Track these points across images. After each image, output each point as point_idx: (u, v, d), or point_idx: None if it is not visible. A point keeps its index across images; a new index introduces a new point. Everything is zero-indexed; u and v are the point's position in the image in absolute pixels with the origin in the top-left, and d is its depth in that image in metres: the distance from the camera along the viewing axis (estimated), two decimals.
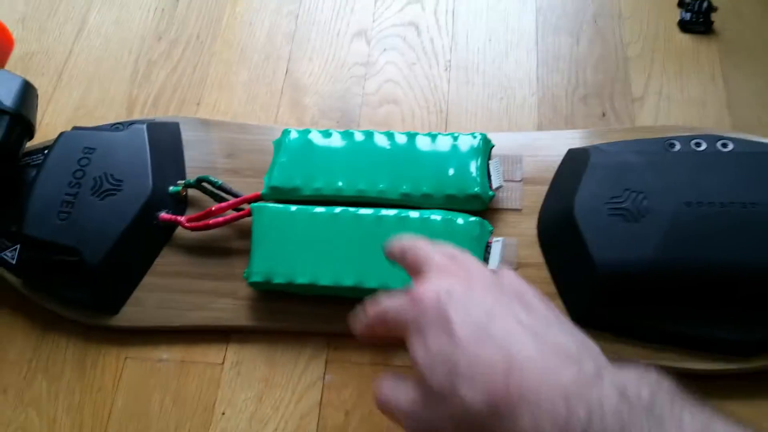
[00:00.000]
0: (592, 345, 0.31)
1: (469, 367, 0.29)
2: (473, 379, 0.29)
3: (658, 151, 0.46)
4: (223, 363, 0.48)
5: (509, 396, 0.28)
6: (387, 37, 0.61)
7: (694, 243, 0.39)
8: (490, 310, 0.31)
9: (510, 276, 0.35)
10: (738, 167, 0.43)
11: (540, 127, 0.55)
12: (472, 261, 0.36)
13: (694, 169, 0.44)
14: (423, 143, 0.50)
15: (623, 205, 0.43)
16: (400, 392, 0.33)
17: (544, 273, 0.47)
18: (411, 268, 0.37)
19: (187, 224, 0.50)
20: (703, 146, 0.46)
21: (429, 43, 0.61)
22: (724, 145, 0.46)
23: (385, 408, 0.34)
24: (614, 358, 0.29)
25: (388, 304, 0.35)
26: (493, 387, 0.28)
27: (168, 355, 0.49)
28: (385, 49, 0.61)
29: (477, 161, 0.49)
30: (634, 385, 0.26)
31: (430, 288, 0.33)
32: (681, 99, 0.55)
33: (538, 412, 0.27)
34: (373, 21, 0.63)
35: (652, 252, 0.41)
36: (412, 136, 0.51)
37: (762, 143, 0.47)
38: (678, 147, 0.46)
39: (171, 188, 0.52)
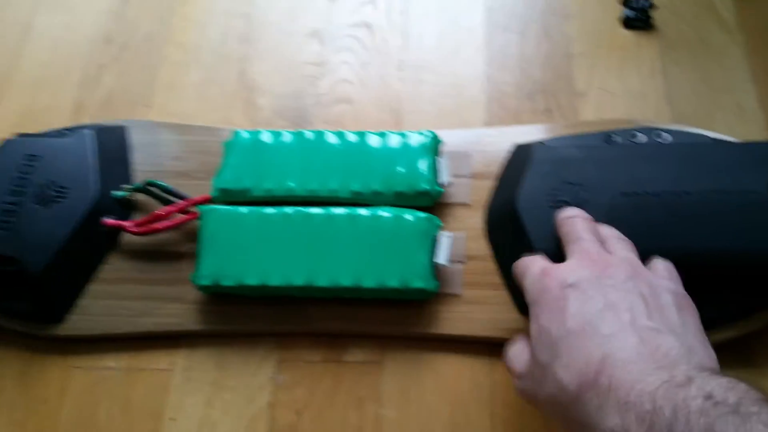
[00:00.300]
0: (699, 353, 0.32)
1: (569, 353, 0.32)
2: (569, 364, 0.32)
3: (598, 144, 0.47)
4: (172, 369, 0.47)
5: (598, 386, 0.30)
6: (341, 37, 0.62)
7: (629, 232, 0.40)
8: (608, 306, 0.33)
9: (653, 274, 0.36)
10: (673, 158, 0.44)
11: (489, 124, 0.56)
12: (619, 252, 0.37)
13: (631, 161, 0.45)
14: (373, 142, 0.50)
15: (563, 198, 0.44)
16: (522, 355, 0.37)
17: (491, 265, 0.48)
18: (563, 239, 0.40)
19: (133, 229, 0.50)
20: (642, 138, 0.47)
21: (382, 42, 0.61)
22: (662, 137, 0.47)
23: (507, 364, 0.38)
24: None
25: (527, 264, 0.39)
26: (584, 376, 0.31)
27: (115, 363, 0.48)
28: (338, 49, 0.61)
29: (426, 158, 0.49)
30: (722, 391, 0.26)
31: (562, 273, 0.36)
32: (623, 93, 0.57)
33: (624, 405, 0.28)
34: (327, 21, 0.63)
35: None
36: (362, 135, 0.51)
37: (697, 134, 0.48)
38: (618, 140, 0.47)
39: (117, 193, 0.51)
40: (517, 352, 0.38)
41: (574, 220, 0.40)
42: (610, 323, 0.32)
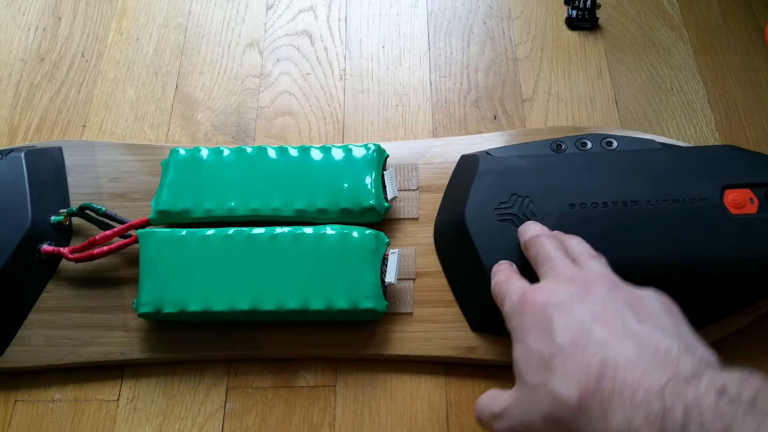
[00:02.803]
0: (699, 348, 0.30)
1: (564, 364, 0.30)
2: (567, 375, 0.30)
3: (544, 153, 0.46)
4: (118, 399, 0.46)
5: (601, 392, 0.28)
6: (280, 48, 0.60)
7: None
8: (595, 316, 0.32)
9: (629, 286, 0.35)
10: (620, 166, 0.44)
11: (435, 133, 0.55)
12: (594, 267, 0.36)
13: (578, 171, 0.44)
14: (316, 157, 0.49)
15: (511, 211, 0.43)
16: (497, 398, 0.35)
17: (442, 281, 0.47)
18: (532, 261, 0.39)
19: (70, 255, 0.48)
20: (589, 145, 0.47)
21: (323, 51, 0.59)
22: (609, 144, 0.47)
23: (481, 414, 0.36)
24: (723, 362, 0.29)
25: (505, 290, 0.37)
26: (585, 383, 0.29)
27: (60, 394, 0.46)
28: (278, 60, 0.59)
29: (371, 173, 0.48)
30: (735, 385, 0.25)
31: (542, 295, 0.34)
32: (570, 97, 0.56)
33: (631, 408, 0.26)
34: (265, 31, 0.61)
35: None
36: (305, 150, 0.49)
37: (645, 140, 0.48)
38: (565, 148, 0.47)
39: (53, 218, 0.49)
40: (491, 397, 0.35)
41: (540, 239, 0.39)
42: (602, 331, 0.31)
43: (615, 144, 0.46)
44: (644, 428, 0.26)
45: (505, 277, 0.38)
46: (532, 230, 0.40)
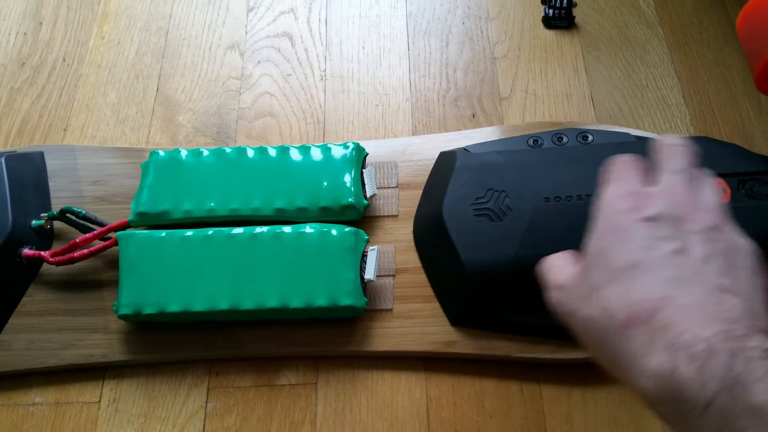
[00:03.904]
0: (762, 319, 0.29)
1: (626, 283, 0.29)
2: (623, 293, 0.29)
3: (521, 149, 0.47)
4: (99, 401, 0.46)
5: (649, 323, 0.28)
6: (261, 49, 0.60)
7: (552, 237, 0.40)
8: (681, 251, 0.30)
9: (735, 231, 0.32)
10: (595, 159, 0.44)
11: (415, 132, 0.55)
12: (709, 197, 0.33)
13: (553, 165, 0.45)
14: (296, 156, 0.49)
15: (487, 206, 0.43)
16: (566, 269, 0.34)
17: (422, 277, 0.47)
18: (658, 163, 0.35)
19: (51, 259, 0.48)
20: (566, 140, 0.47)
21: (303, 53, 0.60)
22: (585, 138, 0.47)
23: (544, 271, 0.35)
24: None
25: (618, 180, 0.34)
26: (637, 309, 0.28)
27: (41, 397, 0.46)
28: (259, 62, 0.59)
29: (350, 171, 0.48)
30: None
31: (645, 201, 0.32)
32: (547, 95, 0.57)
33: (675, 345, 0.26)
34: (246, 33, 0.61)
35: (514, 249, 0.42)
36: (284, 150, 0.50)
37: (620, 133, 0.48)
38: (542, 143, 0.47)
39: (34, 222, 0.49)
40: (560, 264, 0.35)
41: (678, 149, 0.35)
42: (679, 268, 0.29)
43: (591, 138, 0.47)
44: (685, 363, 0.25)
45: (627, 160, 0.36)
46: (673, 139, 0.36)
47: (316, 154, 0.49)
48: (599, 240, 0.32)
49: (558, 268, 0.35)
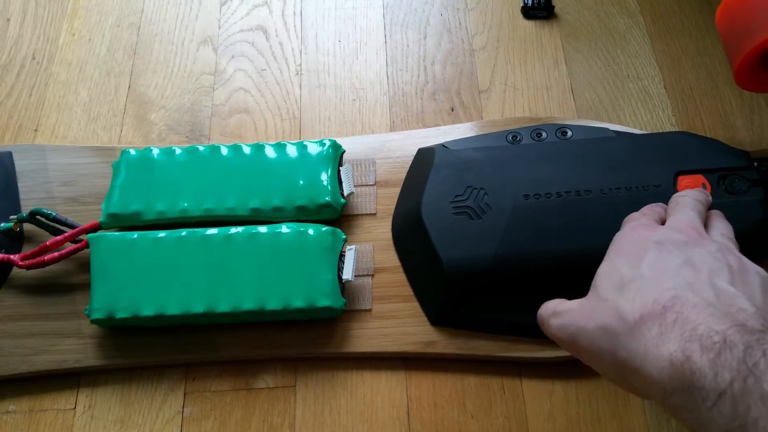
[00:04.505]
0: None
1: (639, 289, 0.30)
2: (635, 298, 0.30)
3: (499, 145, 0.46)
4: (75, 408, 0.45)
5: (663, 318, 0.28)
6: (234, 44, 0.59)
7: (531, 235, 0.39)
8: (688, 263, 0.31)
9: (742, 256, 0.33)
10: (574, 156, 0.44)
11: (393, 127, 0.54)
12: (717, 235, 0.35)
13: (533, 161, 0.44)
14: (271, 154, 0.48)
15: (466, 203, 0.43)
16: (563, 303, 0.35)
17: (401, 276, 0.46)
18: (669, 208, 0.38)
19: (21, 263, 0.46)
20: (545, 136, 0.46)
21: (278, 47, 0.59)
22: (564, 133, 0.47)
23: (544, 311, 0.35)
24: None
25: (638, 218, 0.37)
26: (651, 308, 0.29)
27: (15, 405, 0.45)
28: (233, 56, 0.58)
29: (327, 169, 0.47)
30: None
31: (654, 231, 0.34)
32: (526, 87, 0.56)
33: (689, 336, 0.26)
34: (219, 27, 0.60)
35: (494, 248, 0.41)
36: (259, 148, 0.48)
37: (599, 128, 0.48)
38: (521, 138, 0.46)
39: (3, 225, 0.48)
40: (558, 300, 0.35)
41: (688, 198, 0.38)
42: (687, 275, 0.30)
43: (570, 133, 0.46)
44: (699, 352, 0.26)
45: (641, 213, 0.38)
46: (689, 190, 0.39)
47: (292, 151, 0.48)
48: (609, 262, 0.34)
49: (556, 303, 0.35)
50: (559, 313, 0.34)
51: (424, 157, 0.47)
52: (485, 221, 0.42)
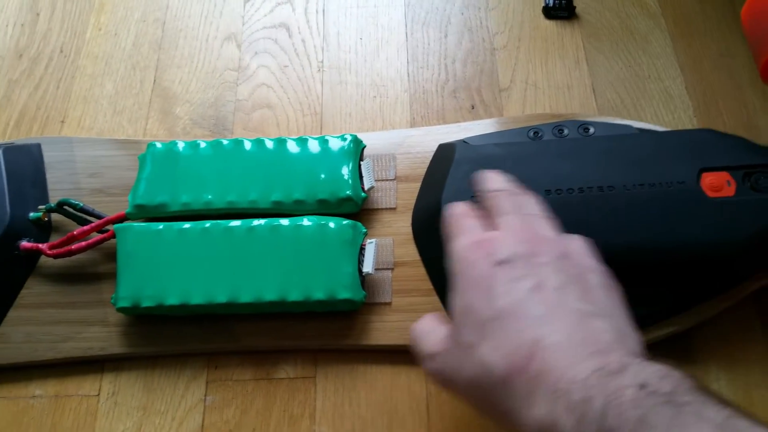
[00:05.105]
0: (631, 337, 0.30)
1: (497, 334, 0.30)
2: (498, 346, 0.30)
3: (520, 141, 0.46)
4: (98, 394, 0.46)
5: (527, 372, 0.28)
6: (258, 40, 0.60)
7: None
8: (539, 285, 0.31)
9: (580, 254, 0.34)
10: (597, 152, 0.44)
11: (413, 124, 0.55)
12: (546, 231, 0.35)
13: (554, 157, 0.44)
14: (293, 149, 0.49)
15: None
16: (435, 333, 0.34)
17: (420, 270, 0.47)
18: (489, 211, 0.37)
19: (49, 251, 0.47)
20: (566, 132, 0.47)
21: (300, 44, 0.59)
22: (586, 130, 0.47)
23: (415, 342, 0.35)
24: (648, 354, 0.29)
25: (459, 227, 0.36)
26: (514, 359, 0.29)
27: (41, 390, 0.46)
28: (256, 53, 0.59)
29: (348, 163, 0.48)
30: (656, 380, 0.25)
31: (494, 248, 0.33)
32: (547, 86, 0.56)
33: (554, 394, 0.26)
34: (243, 24, 0.61)
35: None
36: (281, 142, 0.49)
37: (621, 125, 0.48)
38: (542, 135, 0.47)
39: (32, 214, 0.49)
40: (428, 330, 0.35)
41: (501, 194, 0.37)
42: (541, 305, 0.30)
43: (592, 130, 0.46)
44: (564, 416, 0.26)
45: (461, 212, 0.37)
46: (493, 182, 0.38)
47: (314, 146, 0.49)
48: (462, 297, 0.33)
49: (426, 334, 0.35)
50: (430, 356, 0.34)
51: (445, 153, 0.48)
52: None
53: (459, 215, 0.37)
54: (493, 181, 0.38)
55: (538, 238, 0.34)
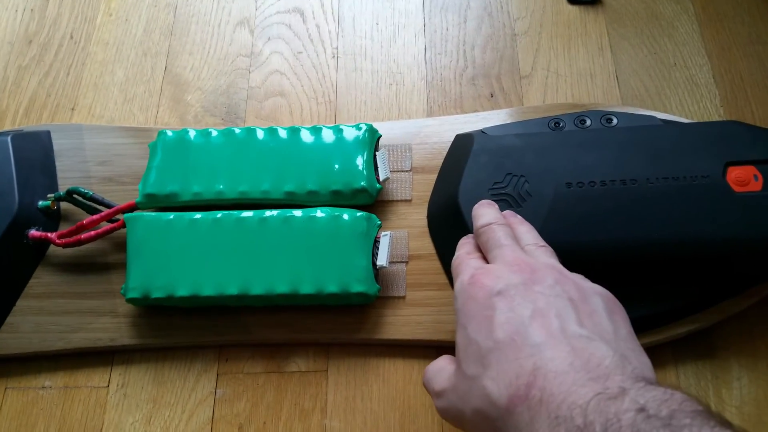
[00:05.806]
0: (633, 360, 0.30)
1: (498, 365, 0.30)
2: (499, 375, 0.30)
3: (540, 131, 0.45)
4: (108, 386, 0.45)
5: (529, 399, 0.28)
6: (271, 26, 0.58)
7: (573, 224, 0.38)
8: (536, 313, 0.32)
9: (579, 278, 0.34)
10: (619, 143, 0.42)
11: (430, 113, 0.53)
12: (542, 258, 0.36)
13: (575, 148, 0.42)
14: (307, 138, 0.48)
15: (506, 191, 0.42)
16: (443, 372, 0.35)
17: (436, 264, 0.46)
18: (484, 248, 0.38)
19: (58, 241, 0.47)
20: (589, 123, 0.45)
21: (315, 29, 0.58)
22: (609, 121, 0.45)
23: (426, 383, 0.36)
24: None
25: (460, 269, 0.37)
26: (516, 387, 0.29)
27: (50, 381, 0.45)
28: (269, 39, 0.58)
29: (363, 154, 0.47)
30: (656, 403, 0.25)
31: (489, 281, 0.34)
32: (569, 73, 0.54)
33: (555, 420, 0.27)
34: (256, 9, 0.59)
35: None
36: (295, 131, 0.48)
37: (645, 116, 0.46)
38: (563, 125, 0.45)
39: (40, 203, 0.48)
40: (438, 369, 0.36)
41: (491, 227, 0.38)
42: (540, 332, 0.31)
43: (615, 121, 0.45)
44: None
45: (465, 253, 0.38)
46: (484, 217, 0.39)
47: (328, 135, 0.48)
48: (463, 331, 0.33)
49: (436, 374, 0.36)
50: (439, 393, 0.35)
51: (463, 143, 0.46)
52: (525, 209, 0.41)
53: (462, 256, 0.38)
54: (485, 216, 0.39)
55: (532, 265, 0.34)
